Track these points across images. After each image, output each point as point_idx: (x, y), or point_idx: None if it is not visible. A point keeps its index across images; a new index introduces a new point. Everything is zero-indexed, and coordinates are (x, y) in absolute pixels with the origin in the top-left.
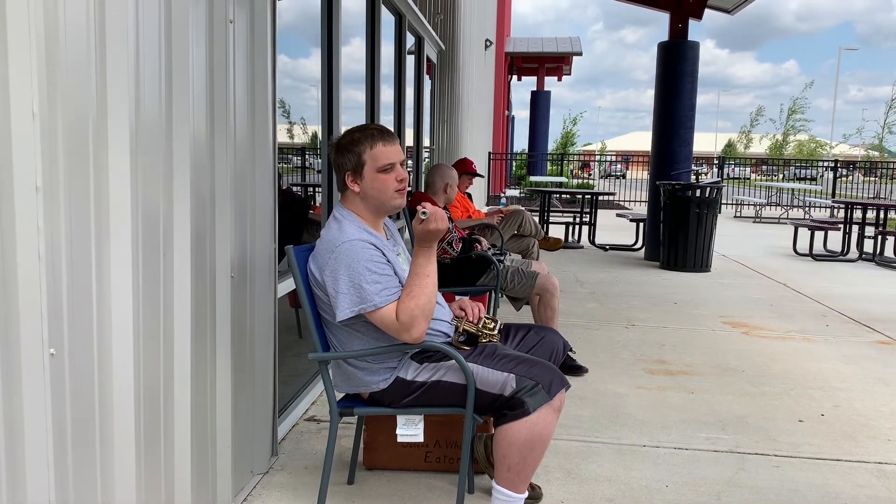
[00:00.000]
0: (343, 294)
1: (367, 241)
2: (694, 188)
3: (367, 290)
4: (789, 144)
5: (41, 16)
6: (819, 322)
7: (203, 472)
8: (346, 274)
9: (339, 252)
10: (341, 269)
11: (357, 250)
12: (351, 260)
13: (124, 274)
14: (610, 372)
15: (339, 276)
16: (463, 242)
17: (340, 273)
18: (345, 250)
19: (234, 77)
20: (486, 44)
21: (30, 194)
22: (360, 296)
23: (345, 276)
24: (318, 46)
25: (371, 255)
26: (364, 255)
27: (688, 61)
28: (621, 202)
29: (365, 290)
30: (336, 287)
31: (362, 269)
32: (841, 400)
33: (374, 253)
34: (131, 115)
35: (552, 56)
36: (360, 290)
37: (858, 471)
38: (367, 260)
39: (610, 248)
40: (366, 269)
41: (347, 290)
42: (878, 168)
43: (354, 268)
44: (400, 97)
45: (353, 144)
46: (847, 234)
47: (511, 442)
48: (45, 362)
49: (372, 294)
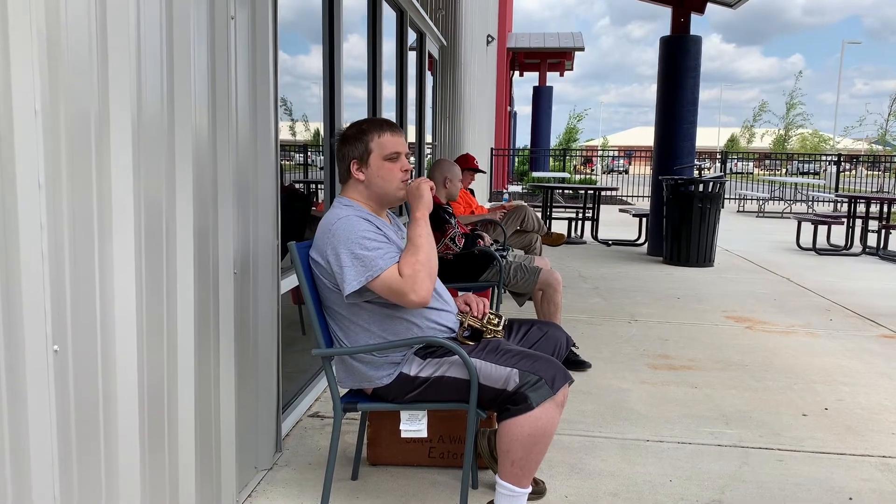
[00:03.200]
0: (347, 267)
1: (361, 217)
2: (697, 183)
3: (368, 257)
4: (792, 139)
5: (42, 14)
6: (822, 316)
7: (207, 468)
8: (346, 246)
9: (336, 229)
10: (340, 243)
11: (353, 223)
12: (348, 233)
13: (127, 270)
14: (613, 367)
15: (340, 250)
16: (466, 238)
17: (340, 248)
18: (341, 226)
19: (236, 74)
20: (487, 39)
21: (33, 191)
22: (364, 264)
23: (345, 250)
24: (319, 43)
25: (367, 227)
26: (359, 226)
27: (690, 56)
28: (624, 197)
29: (367, 257)
30: (339, 262)
31: (360, 239)
32: (844, 394)
33: (369, 225)
34: (133, 111)
35: (554, 51)
36: (362, 259)
37: (862, 465)
38: (363, 230)
39: (613, 244)
40: (363, 238)
41: (351, 262)
42: (881, 162)
43: (352, 239)
44: (402, 93)
45: (361, 133)
46: (850, 229)
47: (515, 437)
48: (49, 359)
49: (375, 258)
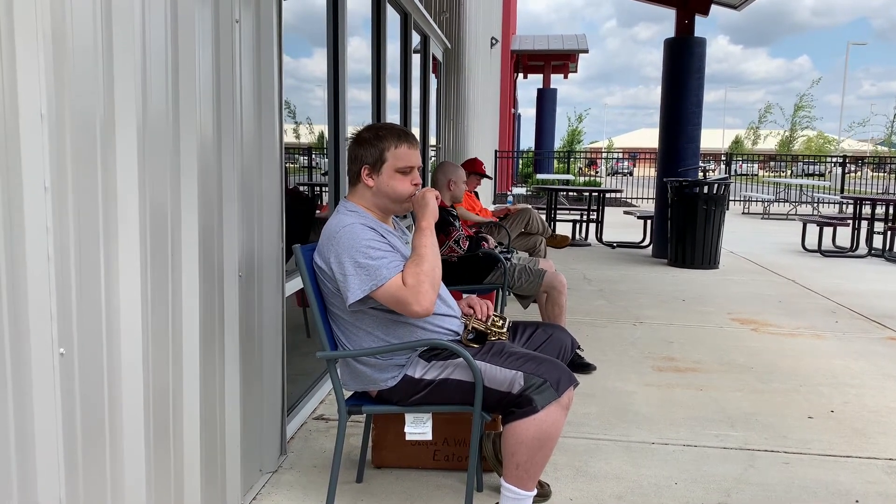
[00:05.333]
0: (351, 276)
1: (366, 226)
2: (702, 185)
3: (372, 266)
4: (797, 140)
5: (48, 17)
6: (828, 318)
7: (212, 471)
8: (349, 255)
9: (340, 237)
10: (344, 252)
11: (357, 232)
12: (352, 241)
13: (133, 273)
14: (618, 369)
15: (344, 259)
16: (470, 241)
17: (344, 256)
18: (345, 234)
19: (241, 77)
20: (491, 42)
21: (38, 195)
22: (368, 273)
23: (348, 258)
24: (323, 46)
25: (371, 236)
26: (364, 235)
27: (694, 57)
28: (629, 199)
29: (371, 266)
30: (343, 271)
31: (364, 248)
32: (851, 396)
33: (374, 234)
34: (138, 115)
35: (558, 53)
36: (366, 269)
37: (869, 467)
38: (367, 239)
39: (617, 246)
40: (368, 248)
41: (354, 270)
42: (887, 163)
43: (356, 247)
44: (406, 96)
45: (377, 140)
46: (856, 230)
47: (519, 440)
48: (55, 362)
49: (379, 268)
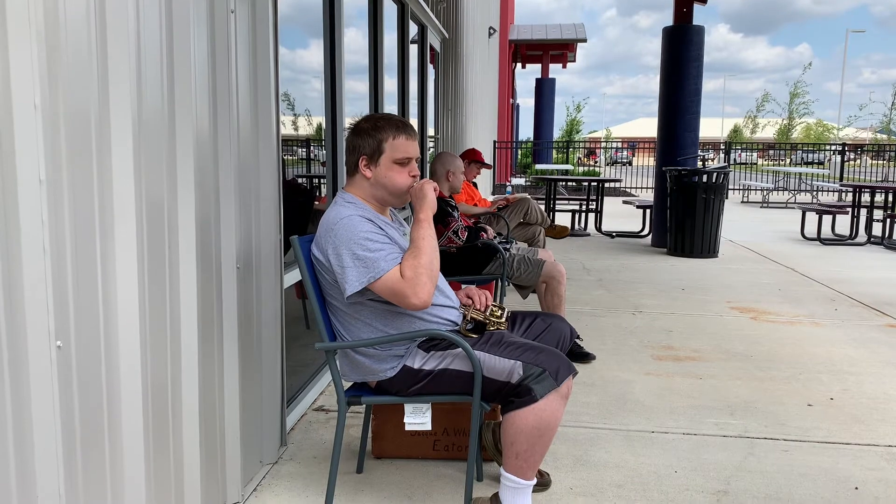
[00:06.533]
0: (349, 268)
1: (364, 217)
2: (700, 174)
3: (370, 258)
4: (796, 128)
5: (41, 8)
6: (828, 306)
7: (212, 463)
8: (347, 247)
9: (338, 229)
10: (342, 244)
11: (355, 224)
12: (350, 233)
13: (129, 266)
14: (617, 358)
15: (342, 251)
16: (469, 231)
17: (342, 248)
18: (343, 226)
19: (237, 68)
20: (489, 31)
21: (33, 187)
22: (366, 265)
23: (346, 251)
24: (320, 37)
25: (369, 228)
26: (362, 227)
27: (693, 46)
28: (628, 189)
29: (368, 259)
30: (341, 263)
31: (362, 240)
32: (850, 384)
33: (372, 226)
34: (133, 106)
35: (556, 43)
36: (364, 261)
37: (869, 454)
38: (365, 231)
39: (616, 235)
40: (365, 240)
41: (352, 262)
42: (886, 151)
43: (354, 240)
44: (403, 87)
45: (376, 130)
46: (855, 218)
47: (519, 429)
48: (53, 355)
49: (377, 259)
